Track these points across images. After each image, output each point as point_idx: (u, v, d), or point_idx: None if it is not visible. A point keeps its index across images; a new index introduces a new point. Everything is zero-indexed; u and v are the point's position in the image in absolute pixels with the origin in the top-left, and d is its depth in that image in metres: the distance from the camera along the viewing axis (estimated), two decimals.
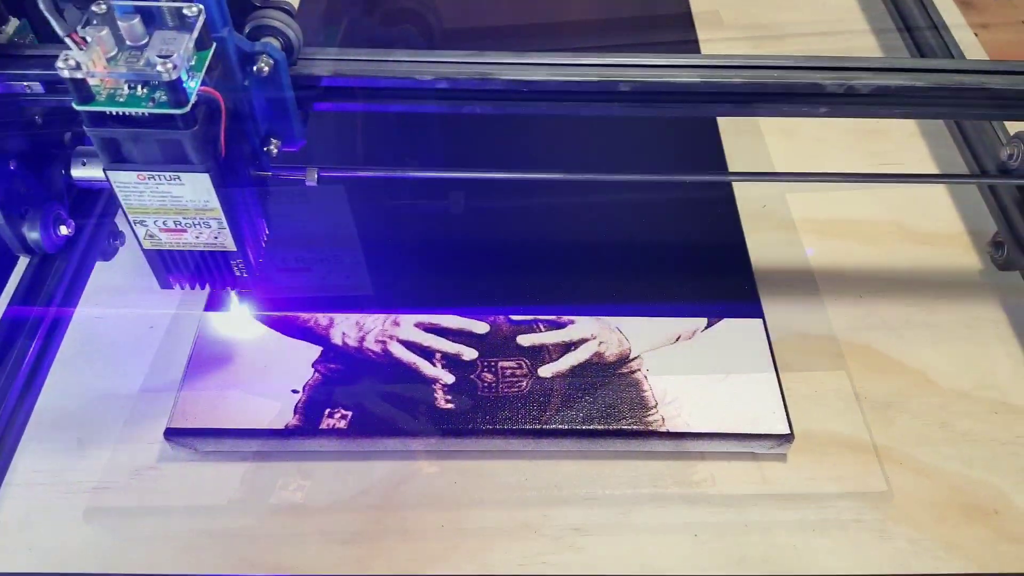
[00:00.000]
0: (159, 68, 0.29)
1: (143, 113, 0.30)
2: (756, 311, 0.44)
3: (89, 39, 0.30)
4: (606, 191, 0.50)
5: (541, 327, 0.43)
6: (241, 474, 0.40)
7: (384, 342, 0.42)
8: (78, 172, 0.42)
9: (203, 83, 0.31)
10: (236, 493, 0.39)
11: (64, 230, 0.42)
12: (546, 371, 0.41)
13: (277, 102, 0.36)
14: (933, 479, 0.40)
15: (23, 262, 0.43)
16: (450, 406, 0.40)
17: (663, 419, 0.40)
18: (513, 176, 0.45)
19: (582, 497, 0.39)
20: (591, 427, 0.39)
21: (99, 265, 0.46)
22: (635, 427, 0.39)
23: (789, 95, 0.39)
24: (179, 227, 0.35)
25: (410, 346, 0.42)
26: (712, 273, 0.46)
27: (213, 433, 0.39)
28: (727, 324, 0.44)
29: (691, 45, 0.62)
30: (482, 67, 0.38)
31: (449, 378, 0.41)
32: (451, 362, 0.42)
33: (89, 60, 0.29)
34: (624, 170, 0.51)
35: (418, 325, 0.43)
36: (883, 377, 0.44)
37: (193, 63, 0.31)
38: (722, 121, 0.55)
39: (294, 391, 0.40)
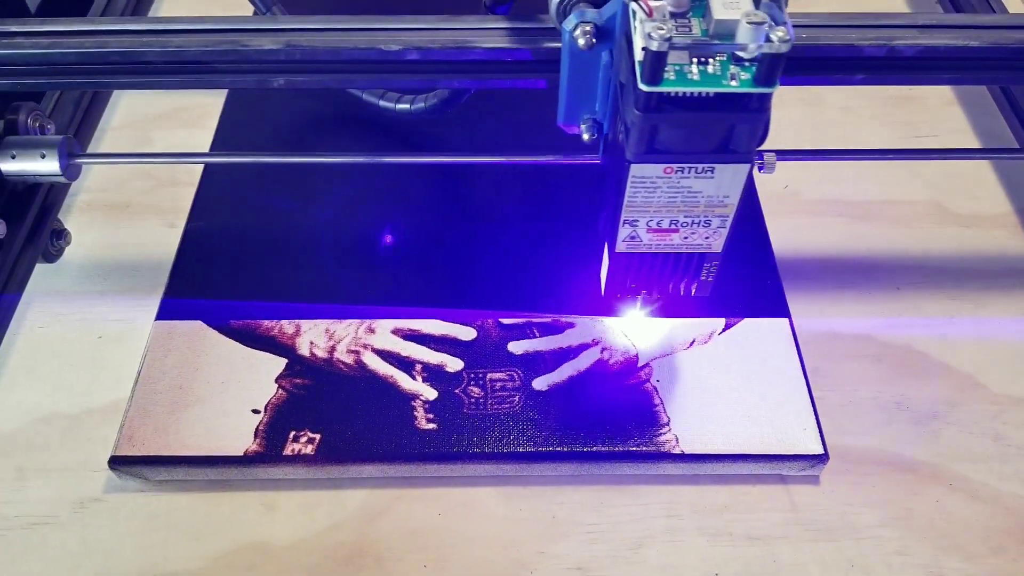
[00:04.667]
0: (775, 37, 0.23)
1: (708, 93, 0.25)
2: (781, 309, 0.39)
3: (655, 5, 0.24)
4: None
5: (536, 331, 0.38)
6: (196, 506, 0.35)
7: (357, 352, 0.37)
8: (8, 166, 0.38)
9: None
10: (190, 528, 0.34)
11: None
12: (541, 383, 0.36)
13: None
14: (988, 502, 0.35)
15: None
16: (432, 426, 0.35)
17: (677, 438, 0.35)
18: (504, 160, 0.40)
19: (585, 531, 0.34)
20: (594, 449, 0.34)
21: (41, 268, 0.42)
22: (645, 448, 0.34)
23: (821, 60, 0.33)
24: (672, 227, 0.29)
25: (387, 356, 0.37)
26: (730, 266, 0.41)
27: (163, 461, 0.34)
28: (748, 325, 0.38)
29: None
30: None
31: (431, 393, 0.36)
32: (433, 374, 0.37)
33: (673, 30, 0.23)
34: None
35: (396, 332, 0.38)
36: (927, 382, 0.39)
37: None
38: None
39: (255, 411, 0.36)
